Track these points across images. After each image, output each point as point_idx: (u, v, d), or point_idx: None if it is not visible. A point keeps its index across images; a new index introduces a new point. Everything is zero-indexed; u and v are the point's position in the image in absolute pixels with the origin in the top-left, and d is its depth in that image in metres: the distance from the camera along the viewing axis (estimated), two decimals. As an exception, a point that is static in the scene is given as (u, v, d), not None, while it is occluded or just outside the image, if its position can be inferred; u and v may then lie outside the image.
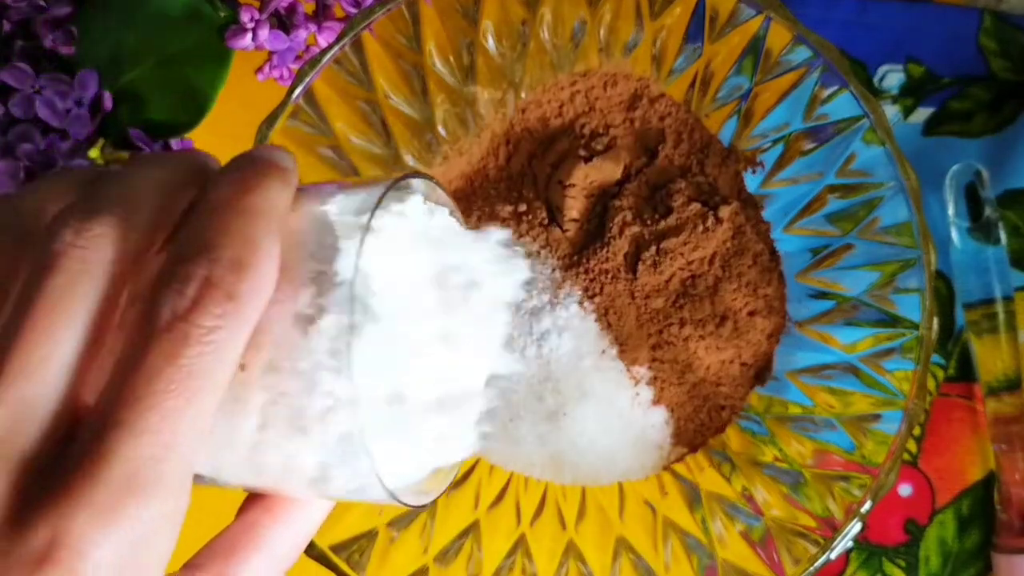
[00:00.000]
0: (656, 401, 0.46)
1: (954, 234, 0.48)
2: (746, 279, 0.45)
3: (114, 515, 0.18)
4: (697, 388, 0.46)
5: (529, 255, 0.45)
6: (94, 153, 0.47)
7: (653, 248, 0.45)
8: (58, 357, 0.19)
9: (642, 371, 0.45)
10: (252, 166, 0.21)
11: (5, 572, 0.17)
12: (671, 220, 0.45)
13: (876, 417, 0.41)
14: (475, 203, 0.47)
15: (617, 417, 0.45)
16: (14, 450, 0.18)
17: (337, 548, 0.40)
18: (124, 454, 0.18)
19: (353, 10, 0.50)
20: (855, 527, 0.40)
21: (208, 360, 0.19)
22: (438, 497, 0.27)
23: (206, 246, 0.19)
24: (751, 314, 0.45)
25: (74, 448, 0.19)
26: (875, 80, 0.50)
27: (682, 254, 0.45)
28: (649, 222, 0.45)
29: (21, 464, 0.18)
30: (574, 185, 0.45)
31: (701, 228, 0.45)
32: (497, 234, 0.26)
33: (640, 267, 0.45)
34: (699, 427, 0.46)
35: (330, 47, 0.41)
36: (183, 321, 0.19)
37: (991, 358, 0.47)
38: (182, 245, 0.20)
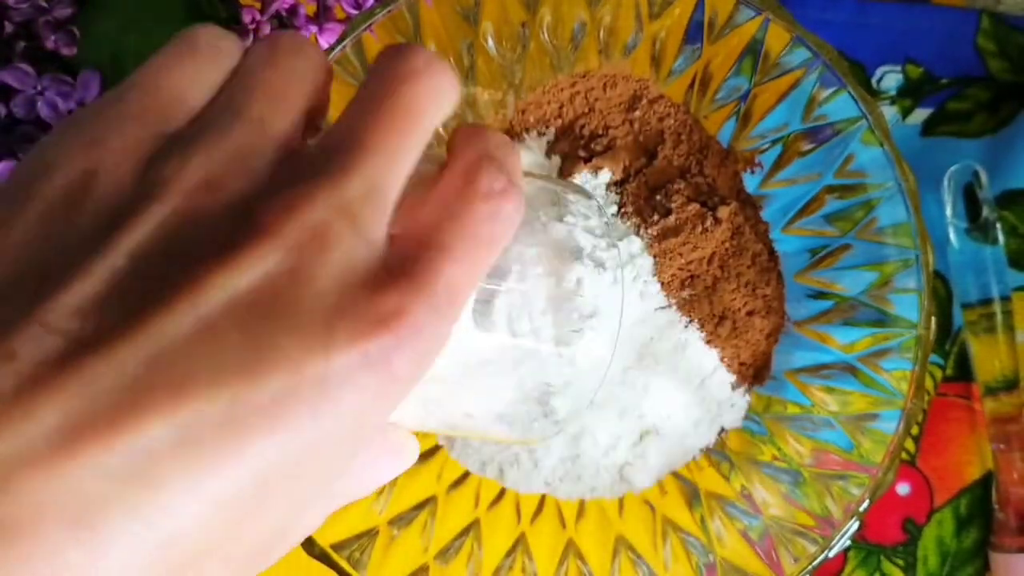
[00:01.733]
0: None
1: (952, 234, 0.48)
2: (745, 279, 0.46)
3: (439, 315, 0.21)
4: (696, 388, 0.46)
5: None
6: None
7: (652, 249, 0.45)
8: (404, 163, 0.22)
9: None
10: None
11: (355, 320, 0.20)
12: (670, 221, 0.45)
13: (874, 416, 0.41)
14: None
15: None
16: (374, 230, 0.21)
17: (338, 546, 0.40)
18: (449, 274, 0.21)
19: (354, 11, 0.50)
20: (853, 526, 0.40)
21: (499, 234, 0.23)
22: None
23: (501, 165, 0.24)
24: (750, 314, 0.46)
25: (406, 249, 0.22)
26: (873, 81, 0.50)
27: (681, 254, 0.45)
28: (648, 223, 0.45)
29: (377, 241, 0.21)
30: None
31: (700, 228, 0.45)
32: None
33: (639, 267, 0.45)
34: (698, 426, 0.46)
35: (331, 48, 0.41)
36: (496, 195, 0.23)
37: (989, 358, 0.47)
38: (480, 156, 0.24)
